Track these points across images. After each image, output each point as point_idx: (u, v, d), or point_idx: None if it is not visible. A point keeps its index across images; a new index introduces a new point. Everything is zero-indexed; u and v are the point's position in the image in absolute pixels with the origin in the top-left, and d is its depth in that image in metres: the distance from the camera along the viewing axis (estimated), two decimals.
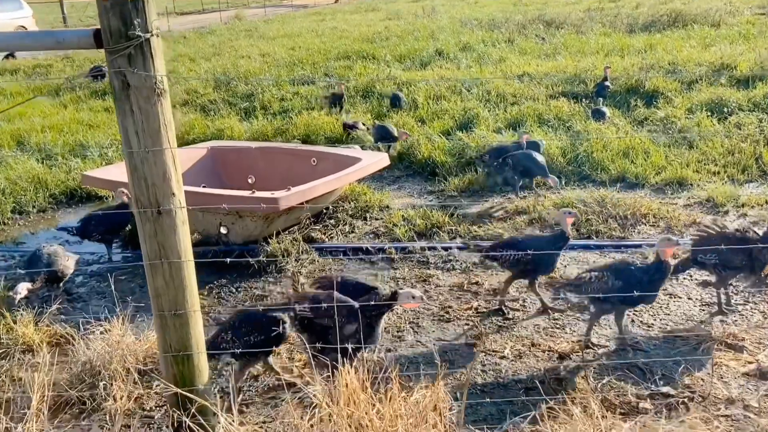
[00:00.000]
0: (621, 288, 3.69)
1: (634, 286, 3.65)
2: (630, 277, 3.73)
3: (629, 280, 3.70)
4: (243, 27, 22.97)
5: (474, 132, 8.52)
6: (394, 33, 18.39)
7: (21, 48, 2.26)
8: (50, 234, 6.43)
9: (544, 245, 4.28)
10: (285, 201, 5.41)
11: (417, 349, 4.04)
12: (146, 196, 2.53)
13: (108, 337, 3.84)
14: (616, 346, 3.96)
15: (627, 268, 3.84)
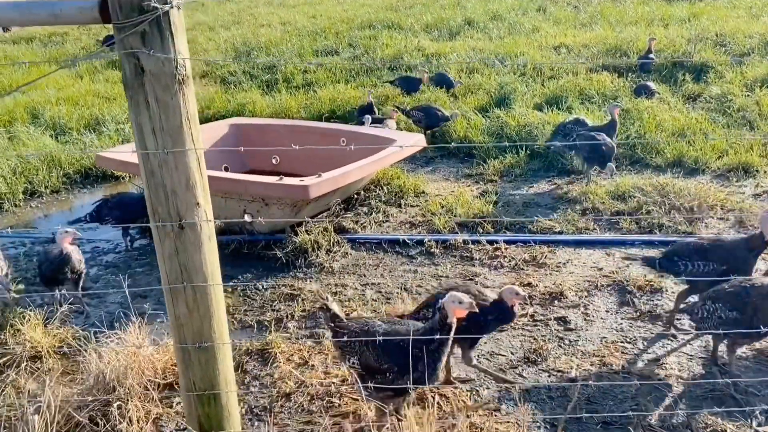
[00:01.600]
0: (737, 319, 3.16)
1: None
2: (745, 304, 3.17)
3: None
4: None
5: (512, 109, 7.93)
6: (419, 1, 17.59)
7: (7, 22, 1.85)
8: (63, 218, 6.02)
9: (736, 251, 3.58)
10: (316, 189, 4.94)
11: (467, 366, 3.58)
12: (165, 208, 2.06)
13: (123, 347, 3.42)
14: (703, 369, 3.46)
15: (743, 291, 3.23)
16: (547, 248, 4.88)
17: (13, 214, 6.09)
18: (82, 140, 7.50)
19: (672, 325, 3.81)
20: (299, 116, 8.45)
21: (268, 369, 3.62)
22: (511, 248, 4.94)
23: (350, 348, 2.92)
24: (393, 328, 2.89)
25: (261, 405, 3.33)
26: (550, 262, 4.69)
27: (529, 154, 6.80)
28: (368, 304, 4.23)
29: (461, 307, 2.79)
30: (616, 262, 4.68)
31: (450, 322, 2.78)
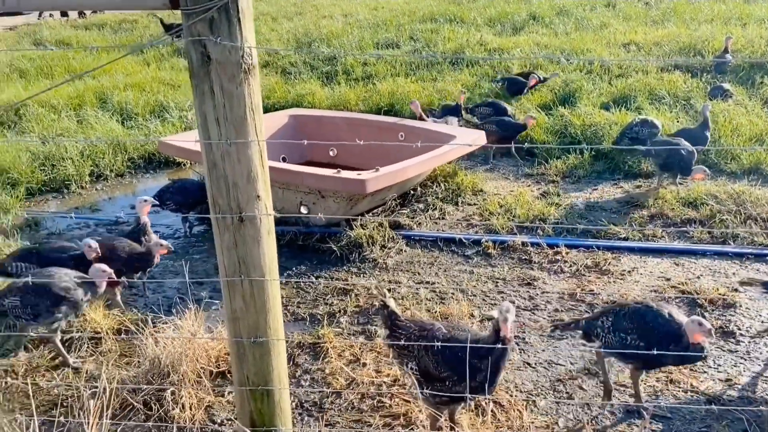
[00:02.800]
0: None
1: None
2: None
3: None
4: None
5: (578, 107, 7.65)
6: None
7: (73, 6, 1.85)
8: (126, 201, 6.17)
9: None
10: (373, 183, 4.87)
11: (525, 373, 3.44)
12: (226, 200, 2.02)
13: (179, 334, 3.45)
14: None
15: None
16: (611, 254, 4.67)
17: (79, 195, 6.28)
18: (146, 126, 7.68)
19: None
20: (357, 109, 8.41)
21: (319, 363, 3.59)
22: (572, 253, 4.75)
23: (408, 351, 2.83)
24: (453, 335, 2.79)
25: (311, 400, 3.29)
26: (614, 270, 4.48)
27: (593, 155, 6.54)
28: (422, 304, 4.14)
29: (507, 323, 2.65)
30: (685, 273, 4.42)
31: (503, 335, 2.66)
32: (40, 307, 3.38)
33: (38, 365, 3.56)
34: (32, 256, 3.94)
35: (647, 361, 3.00)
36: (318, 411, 3.21)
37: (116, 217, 5.71)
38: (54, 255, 3.91)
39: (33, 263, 3.86)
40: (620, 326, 3.06)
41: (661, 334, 2.91)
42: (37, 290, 3.36)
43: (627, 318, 3.07)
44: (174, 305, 4.04)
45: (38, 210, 5.86)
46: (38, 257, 3.91)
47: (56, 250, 3.99)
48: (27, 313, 3.40)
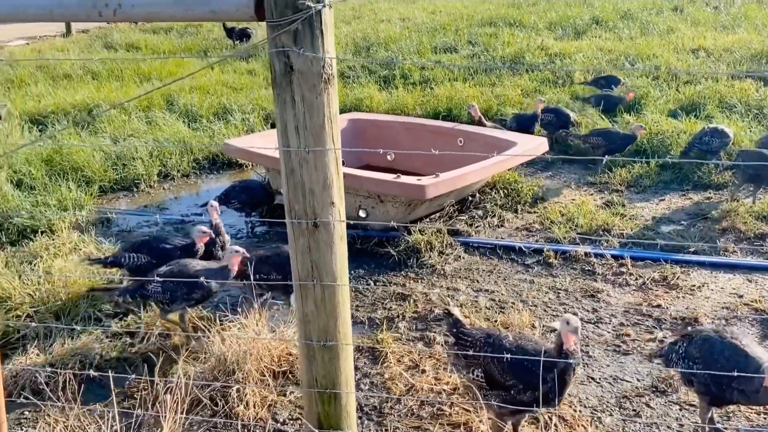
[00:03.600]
0: None
1: None
2: None
3: None
4: None
5: (644, 115, 7.44)
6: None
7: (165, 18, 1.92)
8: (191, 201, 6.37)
9: None
10: (433, 189, 4.88)
11: (589, 388, 3.38)
12: (302, 206, 2.07)
13: (244, 332, 3.54)
14: None
15: None
16: (679, 268, 4.52)
17: (148, 194, 6.52)
18: (210, 128, 7.90)
19: None
20: (415, 113, 8.42)
21: (378, 368, 3.61)
22: (638, 265, 4.62)
23: (474, 359, 2.83)
24: (520, 344, 2.77)
25: (371, 404, 3.32)
26: (683, 284, 4.34)
27: (660, 164, 6.35)
28: (481, 312, 4.11)
29: (569, 330, 2.61)
30: (759, 290, 4.24)
31: (566, 348, 2.62)
32: (177, 293, 3.68)
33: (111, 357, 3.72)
34: (143, 247, 4.19)
35: (713, 397, 2.82)
36: (378, 416, 3.24)
37: (181, 216, 5.90)
38: (163, 246, 4.15)
39: (144, 254, 4.11)
40: (690, 354, 2.89)
41: (727, 371, 2.64)
42: (177, 277, 3.64)
43: (696, 346, 2.87)
44: (239, 304, 4.14)
45: (109, 207, 6.12)
46: (149, 248, 4.15)
47: (165, 240, 4.25)
48: (166, 299, 3.71)
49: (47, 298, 4.12)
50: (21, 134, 7.27)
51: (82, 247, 4.80)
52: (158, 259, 4.03)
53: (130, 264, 4.13)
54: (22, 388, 3.38)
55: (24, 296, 4.13)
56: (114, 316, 4.10)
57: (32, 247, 4.85)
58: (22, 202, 5.62)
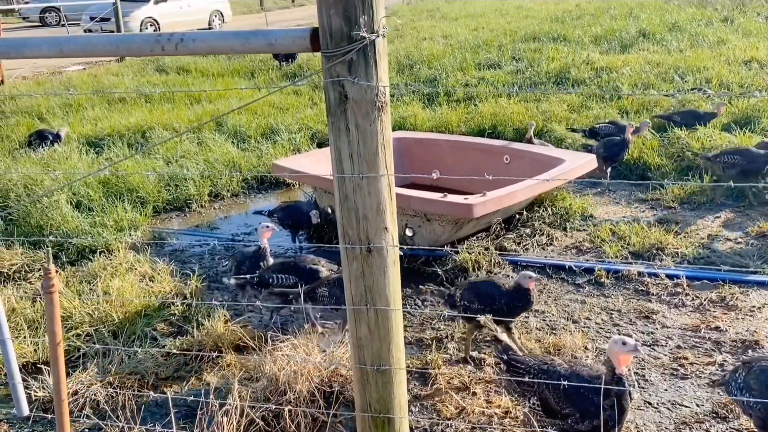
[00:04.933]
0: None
1: None
2: None
3: None
4: (425, 7, 22.64)
5: (696, 128, 7.25)
6: (587, 11, 16.88)
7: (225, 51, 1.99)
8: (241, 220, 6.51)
9: None
10: (480, 208, 4.86)
11: (646, 413, 3.28)
12: (356, 231, 2.10)
13: (294, 353, 3.59)
14: None
15: None
16: (738, 288, 4.37)
17: (199, 214, 6.69)
18: (258, 148, 8.07)
19: None
20: (459, 130, 8.41)
21: (428, 389, 3.60)
22: (694, 285, 4.48)
23: (529, 386, 2.80)
24: (575, 371, 2.72)
25: (421, 427, 3.30)
26: (743, 305, 4.19)
27: (714, 180, 6.16)
28: (532, 333, 4.05)
29: (625, 350, 2.56)
30: None
31: (619, 373, 2.56)
32: (342, 299, 3.82)
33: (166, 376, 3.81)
34: (291, 268, 4.33)
35: None
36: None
37: (231, 236, 6.04)
38: (307, 267, 4.31)
39: (291, 275, 4.26)
40: (747, 383, 2.75)
41: None
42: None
43: (754, 375, 2.74)
44: (289, 323, 4.19)
45: (163, 227, 6.31)
46: (296, 269, 4.31)
47: (311, 262, 4.40)
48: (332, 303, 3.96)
49: (106, 317, 4.27)
50: (79, 156, 7.58)
51: (137, 267, 4.95)
52: (306, 279, 4.18)
53: (277, 284, 4.27)
54: (82, 406, 3.50)
55: (84, 315, 4.29)
56: (169, 335, 4.21)
57: (91, 267, 5.03)
58: (81, 223, 5.85)
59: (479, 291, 3.77)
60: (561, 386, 2.61)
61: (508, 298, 3.61)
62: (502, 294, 3.64)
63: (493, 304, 3.60)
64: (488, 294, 3.69)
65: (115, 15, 16.93)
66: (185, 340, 4.13)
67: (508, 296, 3.62)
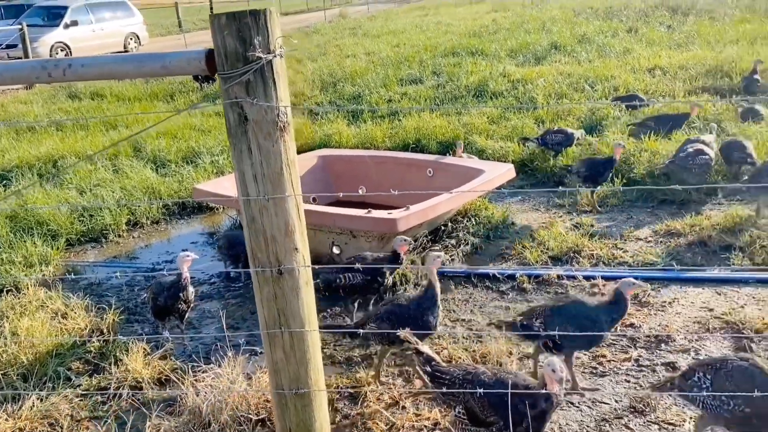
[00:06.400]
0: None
1: None
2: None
3: None
4: (347, 25, 22.84)
5: (605, 135, 7.61)
6: (503, 26, 17.50)
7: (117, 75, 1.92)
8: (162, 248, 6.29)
9: None
10: (404, 222, 4.89)
11: (569, 413, 3.37)
12: (265, 253, 2.06)
13: (218, 381, 3.48)
14: None
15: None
16: (649, 285, 4.58)
17: (117, 244, 6.42)
18: (179, 172, 7.86)
19: None
20: (384, 146, 8.49)
21: (358, 408, 3.56)
22: (609, 284, 4.66)
23: (454, 396, 2.82)
24: (499, 378, 2.76)
25: None
26: (654, 301, 4.39)
27: (624, 182, 6.47)
28: (459, 342, 4.10)
29: (554, 376, 2.63)
30: (729, 303, 4.31)
31: (549, 391, 2.63)
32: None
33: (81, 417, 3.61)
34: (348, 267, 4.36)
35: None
36: None
37: (152, 265, 5.82)
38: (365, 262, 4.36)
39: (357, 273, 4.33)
40: (719, 386, 2.67)
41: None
42: None
43: (725, 377, 2.67)
44: (213, 352, 4.06)
45: (77, 260, 6.01)
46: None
47: (366, 259, 4.47)
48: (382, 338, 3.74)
49: (14, 360, 4.00)
50: None
51: (49, 304, 4.68)
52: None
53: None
54: None
55: None
56: (84, 374, 3.99)
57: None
58: None
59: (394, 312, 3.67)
60: (485, 394, 2.64)
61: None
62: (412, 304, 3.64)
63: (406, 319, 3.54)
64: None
65: (22, 41, 16.18)
66: (102, 378, 3.93)
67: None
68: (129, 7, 21.68)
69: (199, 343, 4.38)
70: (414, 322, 3.50)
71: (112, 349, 4.15)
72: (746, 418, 2.58)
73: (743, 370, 2.64)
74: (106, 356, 4.14)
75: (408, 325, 3.47)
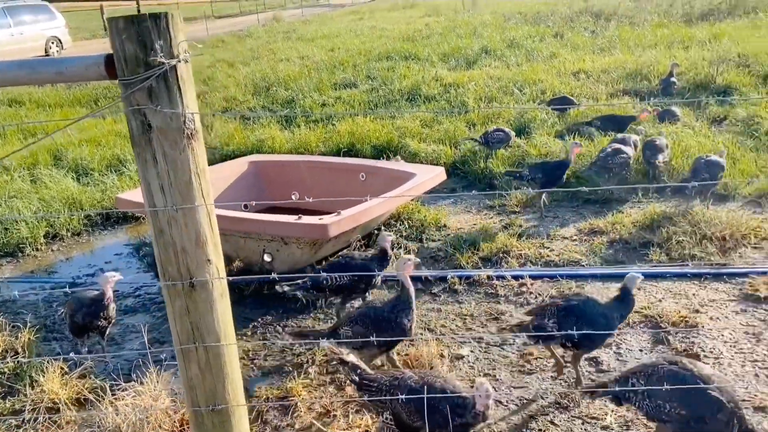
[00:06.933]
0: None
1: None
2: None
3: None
4: (281, 29, 22.63)
5: (533, 138, 7.82)
6: (436, 30, 17.74)
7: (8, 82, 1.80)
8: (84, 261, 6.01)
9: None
10: (335, 228, 4.85)
11: (497, 413, 3.41)
12: (175, 266, 1.98)
13: (140, 399, 3.34)
14: None
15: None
16: (574, 283, 4.72)
17: (35, 258, 6.10)
18: (103, 181, 7.55)
19: None
20: (318, 151, 8.43)
21: (289, 419, 3.50)
22: (537, 283, 4.78)
23: (381, 402, 2.80)
24: (426, 382, 2.77)
25: None
26: None
27: None
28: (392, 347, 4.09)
29: (482, 401, 2.68)
30: (647, 297, 4.49)
31: (478, 406, 2.67)
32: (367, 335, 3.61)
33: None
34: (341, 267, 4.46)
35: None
36: None
37: (72, 279, 5.56)
38: (358, 262, 4.49)
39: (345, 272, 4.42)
40: (655, 391, 2.73)
41: (703, 406, 2.58)
42: None
43: (659, 382, 2.72)
44: (135, 368, 3.90)
45: None
46: (342, 267, 4.44)
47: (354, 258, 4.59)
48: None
49: None
50: None
51: None
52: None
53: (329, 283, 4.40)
54: None
55: None
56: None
57: None
58: None
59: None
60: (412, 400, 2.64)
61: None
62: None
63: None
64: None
65: None
66: (16, 401, 3.71)
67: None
68: (50, 10, 20.77)
69: (122, 360, 4.20)
70: (388, 325, 3.55)
71: (27, 369, 3.93)
72: (684, 421, 2.67)
73: (674, 373, 2.72)
74: (20, 377, 3.92)
75: (382, 327, 3.53)
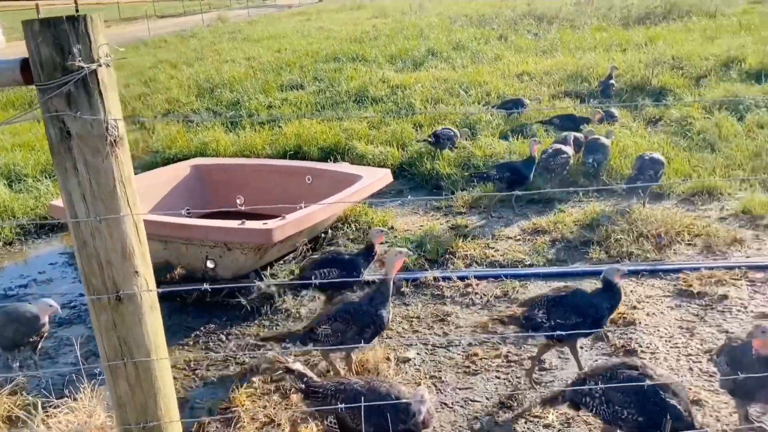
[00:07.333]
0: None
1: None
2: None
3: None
4: (226, 29, 22.21)
5: (479, 139, 7.91)
6: (383, 32, 17.75)
7: None
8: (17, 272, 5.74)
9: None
10: (280, 232, 4.78)
11: (442, 414, 3.43)
12: (100, 279, 1.90)
13: (74, 416, 3.20)
14: None
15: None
16: (518, 283, 4.79)
17: None
18: (37, 187, 7.23)
19: None
20: (264, 153, 8.30)
21: (232, 430, 3.42)
22: (482, 284, 4.83)
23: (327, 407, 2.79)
24: (372, 387, 2.76)
25: None
26: (523, 297, 4.57)
27: None
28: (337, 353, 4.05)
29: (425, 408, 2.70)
30: None
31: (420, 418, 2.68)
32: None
33: None
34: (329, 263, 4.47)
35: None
36: None
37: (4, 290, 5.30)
38: (345, 258, 4.51)
39: (333, 268, 4.41)
40: (613, 397, 2.73)
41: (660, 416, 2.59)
42: None
43: (620, 388, 2.71)
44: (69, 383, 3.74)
45: None
46: (334, 262, 4.45)
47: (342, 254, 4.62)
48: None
49: None
50: None
51: None
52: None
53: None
54: None
55: None
56: None
57: None
58: None
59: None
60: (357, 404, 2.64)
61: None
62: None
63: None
64: None
65: None
66: None
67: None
68: None
69: (55, 375, 4.02)
70: (368, 318, 3.53)
71: None
72: (640, 427, 2.68)
73: (633, 379, 2.73)
74: None
75: (362, 321, 3.52)
